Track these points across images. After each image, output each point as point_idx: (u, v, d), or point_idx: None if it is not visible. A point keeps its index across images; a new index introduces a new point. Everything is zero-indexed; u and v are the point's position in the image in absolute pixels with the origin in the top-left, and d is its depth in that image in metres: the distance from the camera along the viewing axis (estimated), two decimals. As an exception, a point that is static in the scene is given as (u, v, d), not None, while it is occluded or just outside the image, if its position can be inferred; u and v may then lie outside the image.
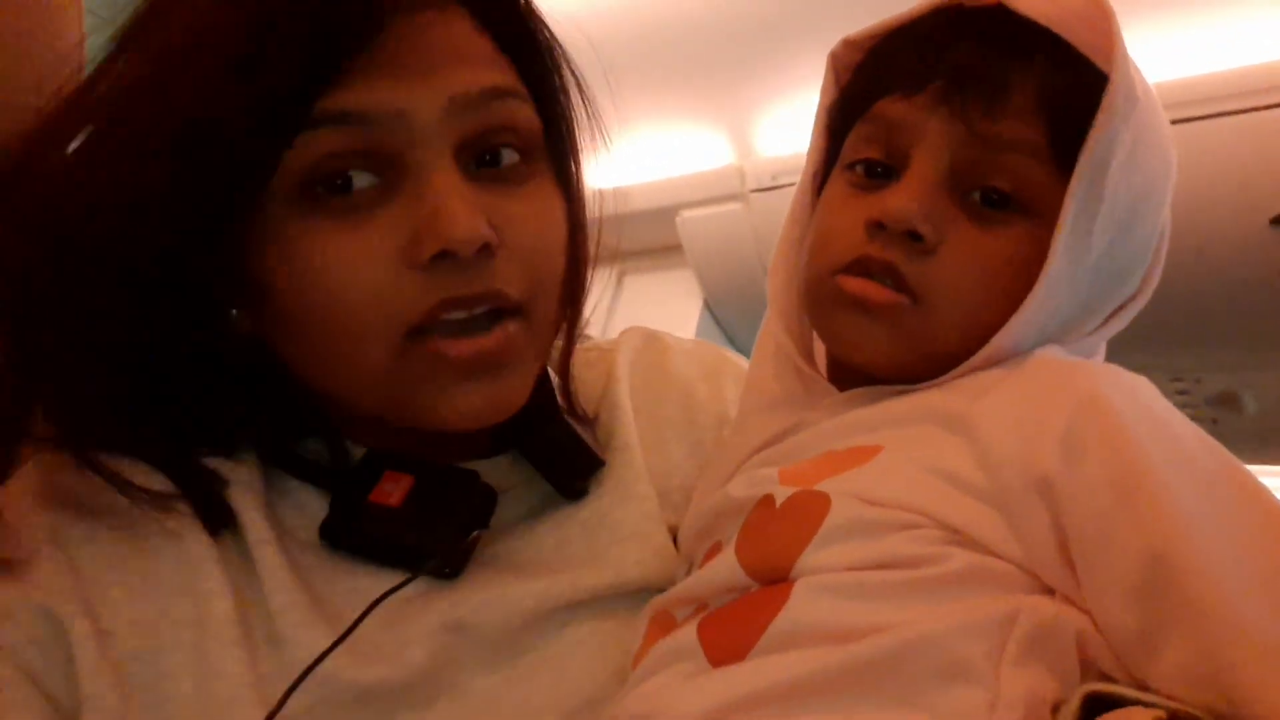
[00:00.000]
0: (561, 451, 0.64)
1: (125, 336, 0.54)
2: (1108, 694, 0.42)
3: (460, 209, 0.50)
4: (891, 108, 0.54)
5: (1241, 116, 1.29)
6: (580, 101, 0.63)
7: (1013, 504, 0.46)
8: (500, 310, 0.54)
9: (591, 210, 0.65)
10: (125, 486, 0.54)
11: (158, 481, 0.56)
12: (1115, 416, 0.45)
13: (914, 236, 0.52)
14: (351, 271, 0.50)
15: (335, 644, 0.52)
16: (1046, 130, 0.51)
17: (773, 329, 0.62)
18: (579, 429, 0.66)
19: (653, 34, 1.66)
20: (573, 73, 0.62)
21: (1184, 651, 0.41)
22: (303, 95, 0.49)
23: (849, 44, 0.60)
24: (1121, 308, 0.56)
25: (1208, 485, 0.45)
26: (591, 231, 0.65)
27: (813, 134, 0.62)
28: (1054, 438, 0.46)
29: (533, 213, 0.56)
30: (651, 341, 0.77)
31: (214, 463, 0.58)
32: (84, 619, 0.51)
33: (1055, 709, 0.43)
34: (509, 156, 0.55)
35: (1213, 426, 1.65)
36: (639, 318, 2.10)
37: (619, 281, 2.12)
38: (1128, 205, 0.52)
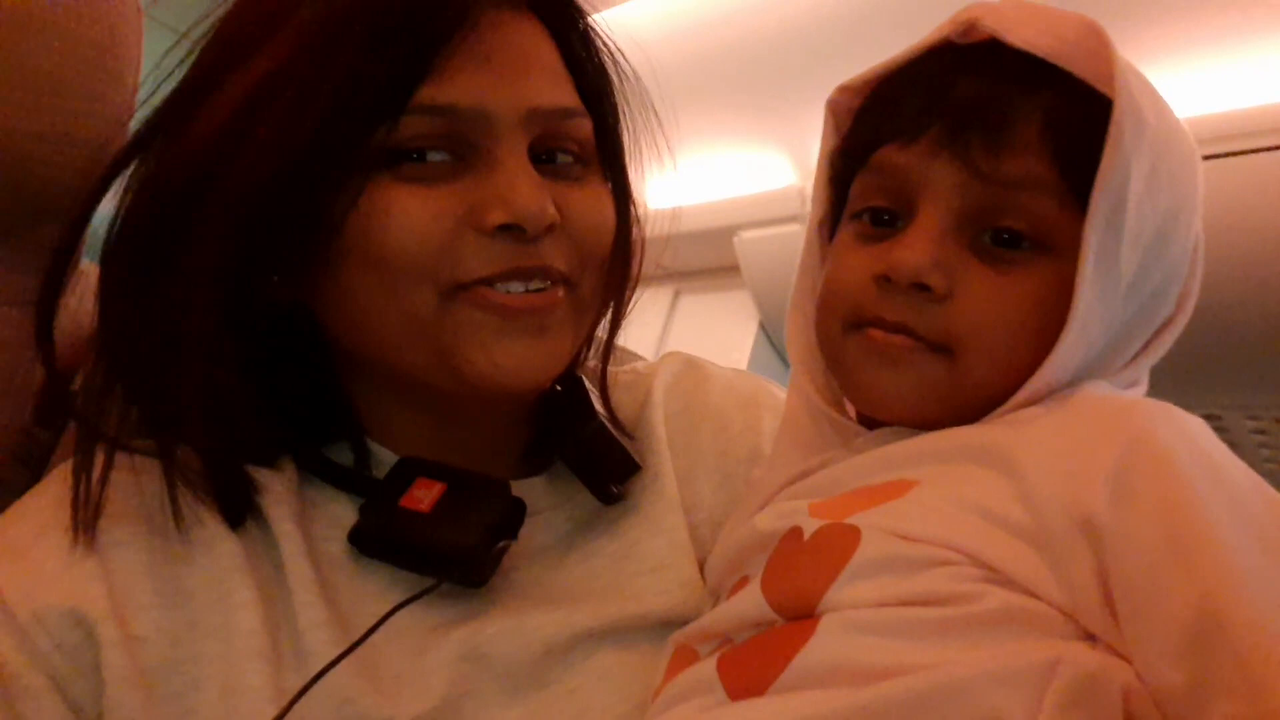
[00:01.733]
0: (599, 454, 0.64)
1: (204, 319, 0.54)
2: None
3: (532, 188, 0.54)
4: (893, 157, 0.52)
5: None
6: (629, 115, 0.65)
7: (1055, 544, 0.43)
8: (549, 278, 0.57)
9: (649, 227, 0.67)
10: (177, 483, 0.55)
11: (200, 489, 0.56)
12: (1167, 457, 0.43)
13: (924, 288, 0.50)
14: (417, 222, 0.53)
15: (345, 653, 0.52)
16: (1055, 163, 0.49)
17: (798, 377, 0.60)
18: (616, 434, 0.65)
19: (715, 55, 1.66)
20: (623, 84, 0.64)
21: (1238, 709, 0.38)
22: (406, 85, 0.53)
23: (845, 90, 0.59)
24: (1162, 330, 0.54)
25: (1263, 535, 0.42)
26: (649, 249, 0.67)
27: (815, 183, 0.60)
28: (1102, 477, 0.43)
29: (587, 203, 0.59)
30: (690, 369, 0.76)
31: (254, 471, 0.58)
32: (113, 624, 0.51)
33: (1096, 768, 0.40)
34: (563, 158, 0.59)
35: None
36: (695, 337, 2.10)
37: (675, 301, 2.11)
38: (1155, 228, 0.50)
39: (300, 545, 0.56)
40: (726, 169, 1.81)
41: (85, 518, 0.54)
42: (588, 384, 0.67)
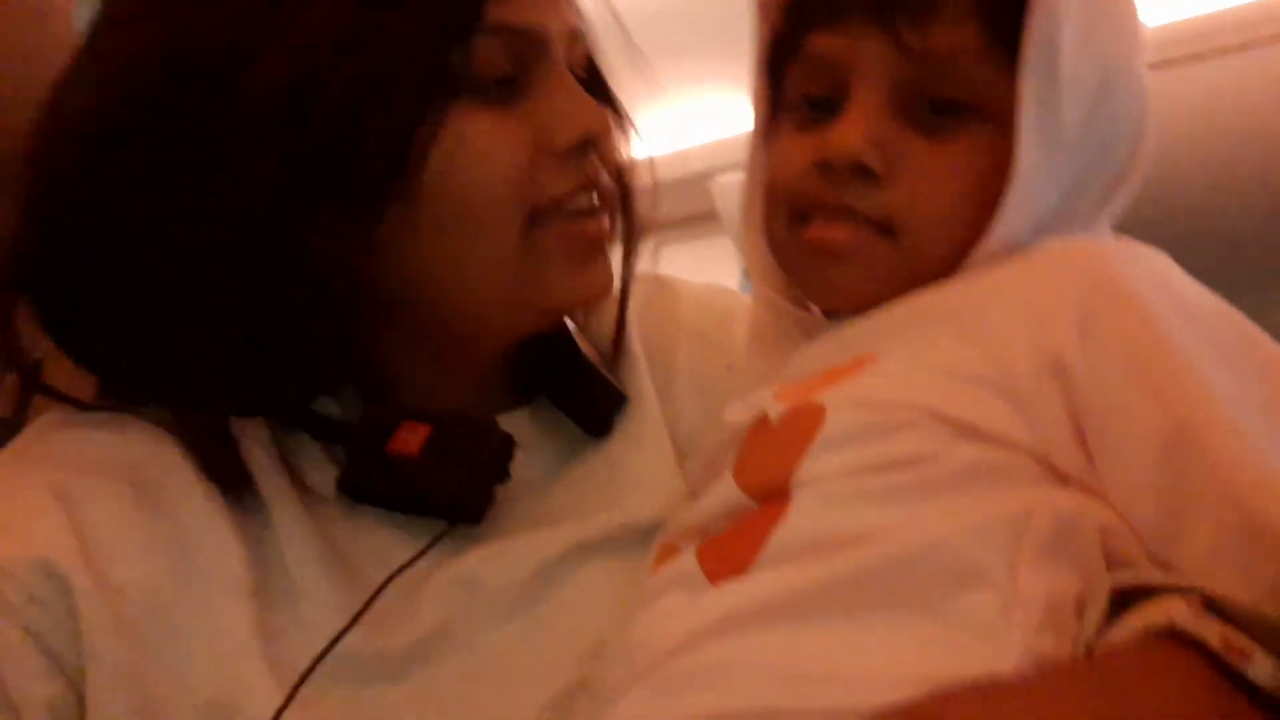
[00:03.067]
0: (586, 388, 0.65)
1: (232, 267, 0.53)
2: (1138, 586, 0.39)
3: (590, 103, 0.57)
4: (820, 42, 0.52)
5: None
6: None
7: (1023, 390, 0.43)
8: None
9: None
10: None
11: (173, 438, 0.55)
12: (1132, 291, 0.43)
13: (864, 170, 0.49)
14: (500, 152, 0.54)
15: (354, 620, 0.51)
16: (984, 27, 0.49)
17: (758, 283, 0.60)
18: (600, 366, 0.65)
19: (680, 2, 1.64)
20: None
21: (1218, 522, 0.38)
22: (475, 4, 0.53)
23: None
24: (1116, 185, 0.53)
25: (1230, 357, 0.42)
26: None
27: (753, 80, 0.59)
28: (1068, 319, 0.43)
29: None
30: (661, 288, 0.76)
31: (224, 423, 0.57)
32: (87, 574, 0.50)
33: (1081, 607, 0.40)
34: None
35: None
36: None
37: (656, 252, 2.09)
38: (1096, 77, 0.49)
39: (286, 488, 0.55)
40: (699, 115, 1.80)
41: (59, 477, 0.53)
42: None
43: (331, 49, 0.51)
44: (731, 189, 1.86)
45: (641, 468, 0.62)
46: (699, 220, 1.98)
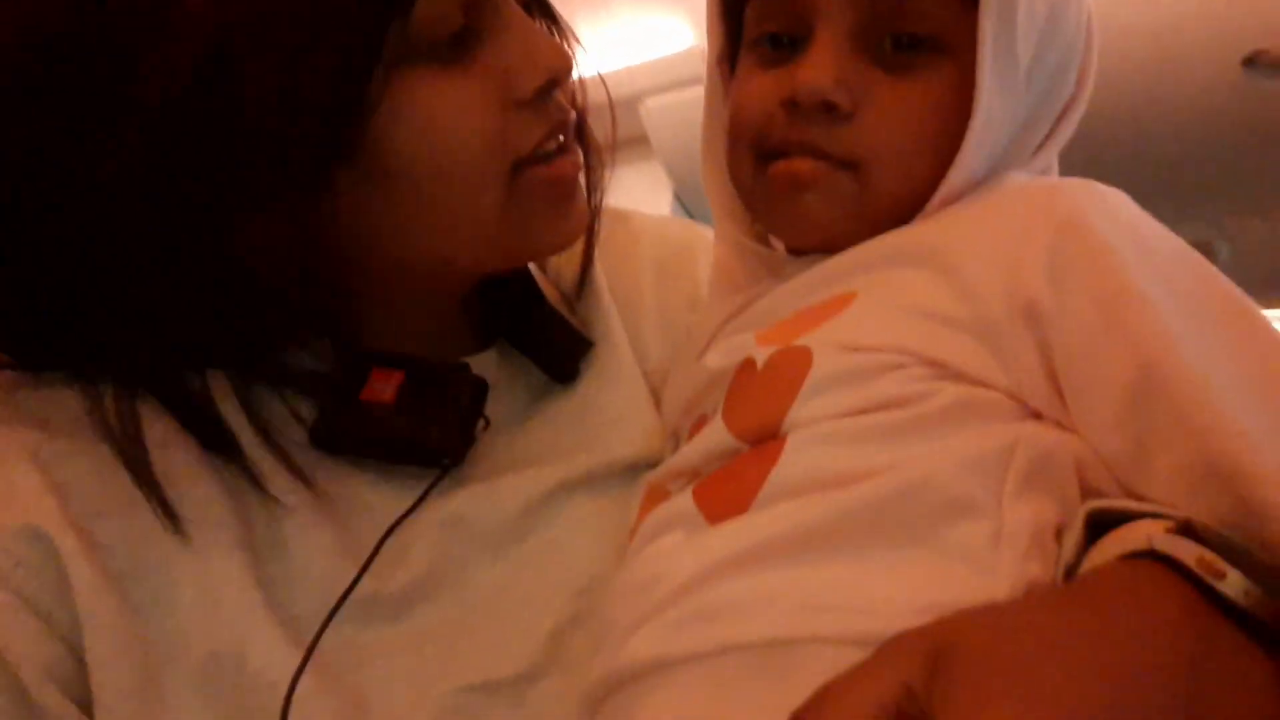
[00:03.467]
0: (551, 335, 0.64)
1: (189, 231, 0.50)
2: (1111, 510, 0.41)
3: (547, 39, 0.55)
4: None
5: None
6: None
7: (997, 332, 0.45)
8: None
9: None
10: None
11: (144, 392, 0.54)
12: (1097, 235, 0.45)
13: (830, 107, 0.50)
14: (467, 115, 0.52)
15: (364, 569, 0.52)
16: None
17: (721, 221, 0.60)
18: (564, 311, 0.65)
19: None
20: None
21: (1180, 457, 0.40)
22: None
23: None
24: (1065, 112, 0.55)
25: (1191, 296, 0.44)
26: None
27: (708, 16, 0.59)
28: (1037, 262, 0.45)
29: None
30: (620, 223, 0.76)
31: (189, 378, 0.56)
32: (72, 535, 0.50)
33: (1059, 534, 0.42)
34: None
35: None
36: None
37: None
38: (1046, 11, 0.51)
39: (258, 437, 0.55)
40: (624, 37, 1.77)
41: (31, 437, 0.52)
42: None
43: (256, 20, 0.47)
44: (662, 112, 1.84)
45: (619, 407, 0.63)
46: (628, 144, 1.96)
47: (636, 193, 2.04)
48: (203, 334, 0.55)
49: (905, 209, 0.52)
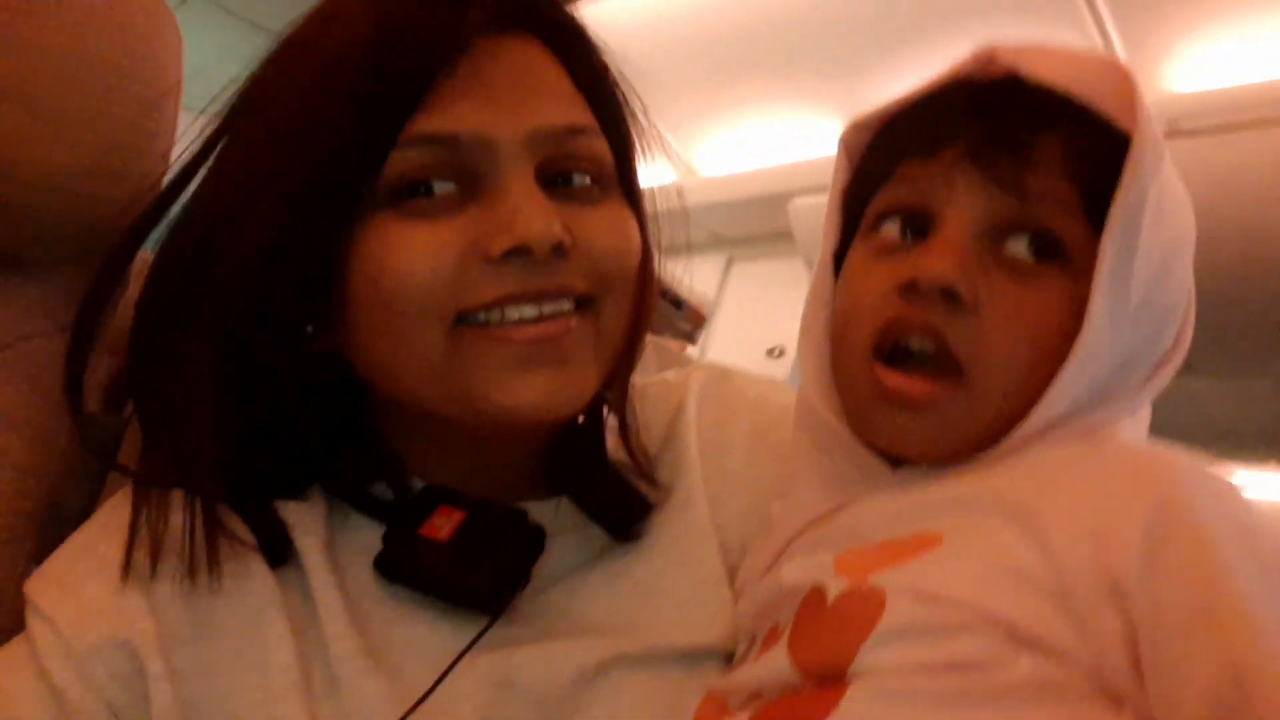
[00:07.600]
0: (610, 497, 0.64)
1: (231, 365, 0.56)
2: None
3: (537, 211, 0.53)
4: (917, 168, 0.52)
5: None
6: (642, 128, 0.63)
7: (1081, 605, 0.43)
8: (565, 301, 0.55)
9: (703, 195, 0.67)
10: (213, 528, 0.56)
11: (234, 525, 0.57)
12: (1197, 520, 0.42)
13: (950, 296, 0.49)
14: (419, 257, 0.52)
15: (412, 709, 0.53)
16: (1073, 183, 0.50)
17: (813, 404, 0.58)
18: (628, 473, 0.65)
19: (767, 22, 1.61)
20: (639, 99, 0.63)
21: None
22: (400, 117, 0.52)
23: (858, 127, 0.58)
24: (1163, 362, 0.54)
25: None
26: (705, 217, 0.67)
27: (827, 216, 0.59)
28: (1130, 539, 0.43)
29: (606, 224, 0.57)
30: (722, 383, 0.74)
31: (283, 506, 0.59)
32: (159, 658, 0.53)
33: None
34: (580, 180, 0.57)
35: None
36: (747, 303, 2.08)
37: (728, 268, 2.09)
38: (1160, 256, 0.50)
39: (329, 576, 0.57)
40: (780, 136, 1.78)
41: (138, 555, 0.56)
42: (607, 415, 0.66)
43: (257, 172, 0.54)
44: (809, 211, 1.84)
45: (687, 589, 0.61)
46: (772, 239, 1.96)
47: (777, 284, 2.04)
48: (276, 460, 0.59)
49: (1004, 426, 0.50)
